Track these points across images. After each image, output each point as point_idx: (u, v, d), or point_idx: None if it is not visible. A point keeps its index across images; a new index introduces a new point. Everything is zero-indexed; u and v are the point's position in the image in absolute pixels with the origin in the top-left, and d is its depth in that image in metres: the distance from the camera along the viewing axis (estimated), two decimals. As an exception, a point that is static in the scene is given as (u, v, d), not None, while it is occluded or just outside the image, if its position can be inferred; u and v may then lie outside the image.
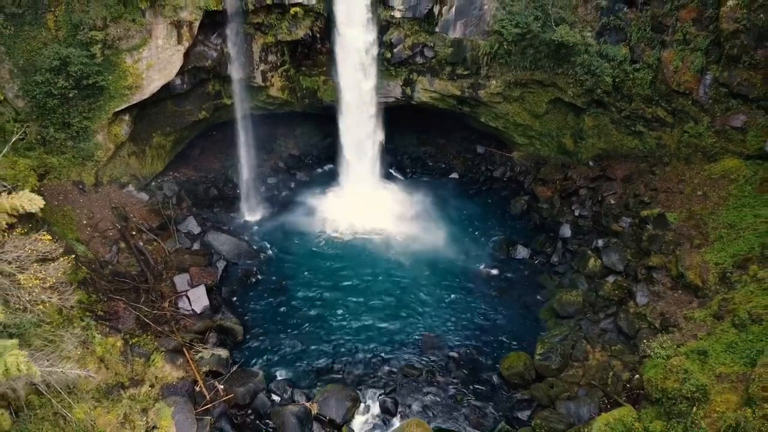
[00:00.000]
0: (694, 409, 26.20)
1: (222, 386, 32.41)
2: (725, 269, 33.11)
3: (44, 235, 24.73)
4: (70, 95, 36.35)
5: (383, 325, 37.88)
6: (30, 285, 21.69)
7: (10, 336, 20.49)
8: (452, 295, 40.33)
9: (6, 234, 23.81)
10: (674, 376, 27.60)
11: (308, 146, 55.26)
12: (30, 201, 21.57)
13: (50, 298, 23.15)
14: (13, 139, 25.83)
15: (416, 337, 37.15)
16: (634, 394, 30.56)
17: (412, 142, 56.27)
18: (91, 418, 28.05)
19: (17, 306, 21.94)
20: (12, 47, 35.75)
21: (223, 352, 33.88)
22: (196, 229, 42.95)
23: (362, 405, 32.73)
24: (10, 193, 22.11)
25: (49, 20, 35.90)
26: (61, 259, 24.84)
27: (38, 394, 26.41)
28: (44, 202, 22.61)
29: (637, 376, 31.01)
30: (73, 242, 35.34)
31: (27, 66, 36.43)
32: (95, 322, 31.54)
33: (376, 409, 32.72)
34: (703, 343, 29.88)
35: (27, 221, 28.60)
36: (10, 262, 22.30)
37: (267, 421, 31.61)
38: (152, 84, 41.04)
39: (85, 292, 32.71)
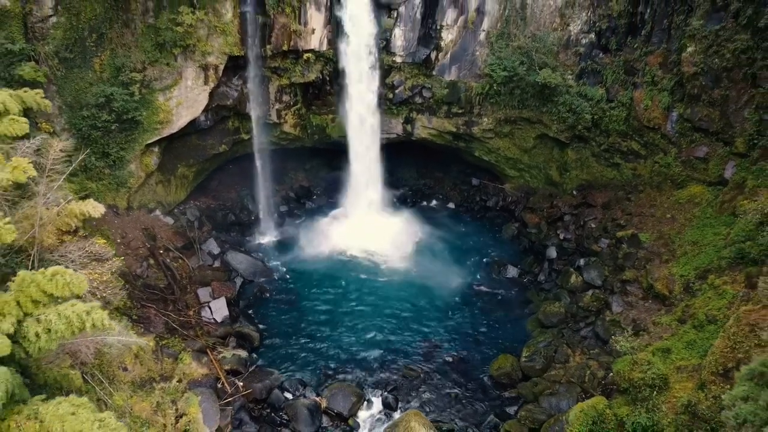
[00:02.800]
0: (654, 393, 30.10)
1: (241, 383, 36.31)
2: (689, 280, 37.36)
3: (99, 239, 29.19)
4: (112, 128, 41.42)
5: (385, 334, 41.92)
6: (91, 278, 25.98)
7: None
8: (448, 309, 44.45)
9: (71, 237, 28.27)
10: (639, 367, 31.53)
11: (317, 178, 60.19)
12: (94, 208, 25.99)
13: (104, 291, 27.45)
14: (71, 168, 30.37)
15: (415, 344, 41.17)
16: (607, 389, 34.37)
17: (413, 175, 61.21)
18: (129, 405, 31.98)
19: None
20: (62, 87, 40.93)
21: (243, 353, 37.90)
22: (216, 250, 47.42)
23: (366, 401, 36.54)
24: (79, 200, 26.62)
25: (95, 63, 41.21)
26: (114, 260, 29.29)
27: (84, 382, 30.51)
28: (104, 210, 27.10)
29: (611, 374, 34.88)
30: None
31: (74, 103, 41.51)
32: (131, 323, 35.68)
33: (378, 404, 36.51)
34: (667, 342, 33.96)
35: (74, 234, 33.16)
36: (73, 260, 26.72)
37: (281, 413, 35.43)
38: (180, 120, 46.15)
39: (122, 299, 36.95)
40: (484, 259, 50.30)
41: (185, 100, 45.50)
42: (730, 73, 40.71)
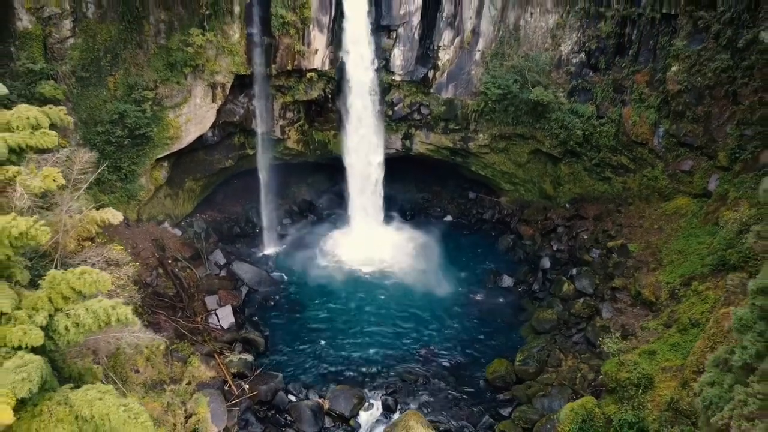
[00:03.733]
0: (640, 392, 31.80)
1: (247, 385, 37.98)
2: (674, 287, 39.16)
3: (116, 246, 31.04)
4: (125, 143, 43.51)
5: (385, 340, 43.62)
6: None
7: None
8: (446, 317, 46.17)
9: (90, 243, 30.14)
10: (626, 368, 33.27)
11: (319, 192, 62.21)
12: (113, 215, 27.83)
13: (121, 295, 29.25)
14: (93, 178, 32.25)
15: (413, 349, 42.86)
16: (597, 390, 36.04)
17: (411, 189, 63.21)
18: (142, 404, 33.63)
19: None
20: (78, 104, 43.04)
21: (249, 357, 39.59)
22: (222, 260, 49.26)
23: (367, 403, 38.16)
24: (97, 209, 28.53)
25: (109, 82, 43.36)
26: (130, 264, 31.14)
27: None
28: (122, 217, 28.99)
29: (601, 376, 36.54)
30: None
31: (88, 119, 43.59)
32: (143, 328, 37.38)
33: (378, 406, 38.13)
34: (653, 345, 35.68)
35: (92, 241, 35.06)
36: (93, 265, 28.54)
37: (285, 415, 37.05)
38: (189, 135, 48.28)
39: (133, 305, 38.70)
40: (481, 270, 52.08)
41: (194, 116, 47.64)
42: (712, 91, 42.86)
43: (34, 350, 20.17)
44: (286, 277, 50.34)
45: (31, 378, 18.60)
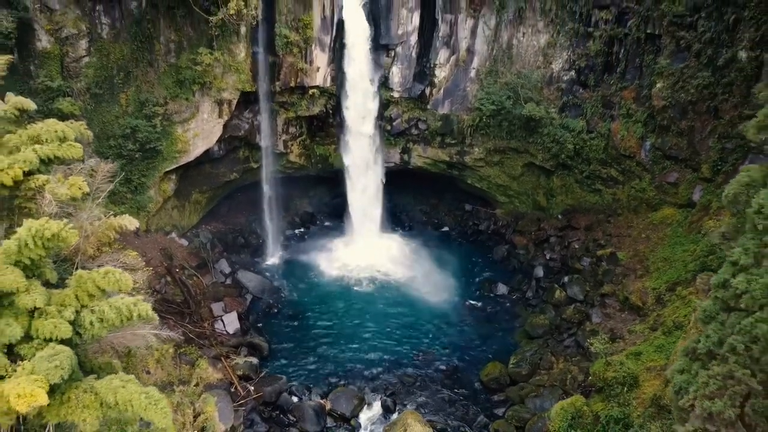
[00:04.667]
0: (626, 390, 33.60)
1: (252, 387, 39.72)
2: (660, 292, 41.10)
3: (131, 252, 33.00)
4: (136, 156, 45.62)
5: (384, 345, 45.41)
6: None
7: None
8: (442, 323, 48.00)
9: (107, 248, 32.08)
10: (613, 368, 35.11)
11: (320, 204, 64.24)
12: (130, 222, 29.80)
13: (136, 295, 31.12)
14: (108, 190, 34.21)
15: (412, 353, 44.65)
16: (586, 390, 37.83)
17: (410, 201, 65.29)
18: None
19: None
20: (91, 119, 45.11)
21: (254, 360, 41.35)
22: (228, 269, 51.16)
23: (367, 404, 39.88)
24: (115, 216, 30.52)
25: (121, 98, 45.58)
26: (144, 269, 33.05)
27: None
28: (138, 224, 30.95)
29: (591, 377, 38.32)
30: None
31: (101, 133, 45.68)
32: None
33: (378, 407, 39.85)
34: (639, 347, 37.54)
35: (110, 246, 37.00)
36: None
37: (289, 415, 38.74)
38: (196, 149, 50.41)
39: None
40: (476, 278, 54.00)
41: (201, 131, 49.80)
42: (694, 106, 45.09)
43: (62, 342, 22.01)
44: (288, 286, 52.18)
45: (62, 366, 20.44)
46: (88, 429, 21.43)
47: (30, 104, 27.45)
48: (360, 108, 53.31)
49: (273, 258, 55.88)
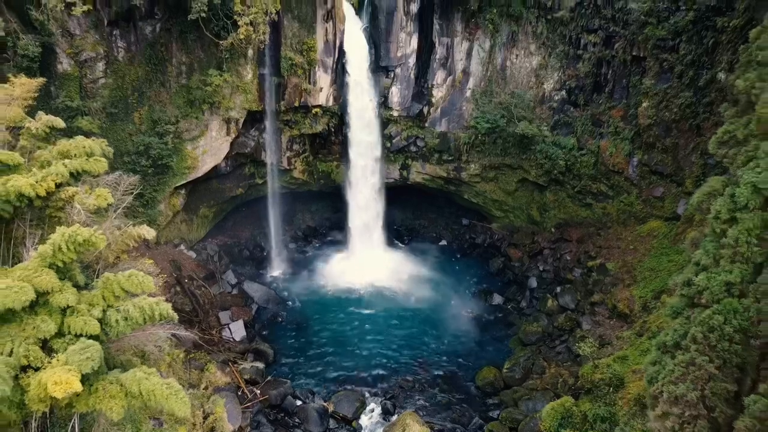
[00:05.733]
0: (612, 390, 35.64)
1: (259, 390, 41.73)
2: (646, 300, 43.26)
3: (148, 260, 35.23)
4: (149, 172, 48.00)
5: (384, 351, 47.48)
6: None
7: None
8: (440, 331, 50.12)
9: (125, 256, 34.31)
10: (600, 370, 37.20)
11: (322, 219, 66.59)
12: (148, 231, 32.07)
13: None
14: (128, 200, 36.47)
15: (411, 360, 46.69)
16: (576, 392, 39.79)
17: (409, 216, 67.64)
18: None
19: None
20: (107, 137, 46.68)
21: (260, 365, 43.39)
22: (234, 280, 53.37)
23: (368, 407, 41.86)
24: (133, 226, 32.78)
25: (135, 117, 48.07)
26: (159, 275, 35.20)
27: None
28: (155, 234, 33.21)
29: (580, 379, 40.35)
30: (144, 282, 45.69)
31: (115, 150, 47.53)
32: (165, 338, 41.25)
33: (378, 409, 41.83)
34: (626, 351, 39.61)
35: (128, 254, 39.25)
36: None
37: (294, 417, 40.71)
38: (205, 166, 52.80)
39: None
40: (473, 289, 56.16)
41: (210, 148, 52.25)
42: (678, 124, 47.60)
43: (90, 338, 24.17)
44: (292, 296, 54.33)
45: (92, 358, 22.58)
46: (114, 417, 23.51)
47: (59, 122, 29.94)
48: (361, 126, 55.86)
49: (277, 270, 58.06)
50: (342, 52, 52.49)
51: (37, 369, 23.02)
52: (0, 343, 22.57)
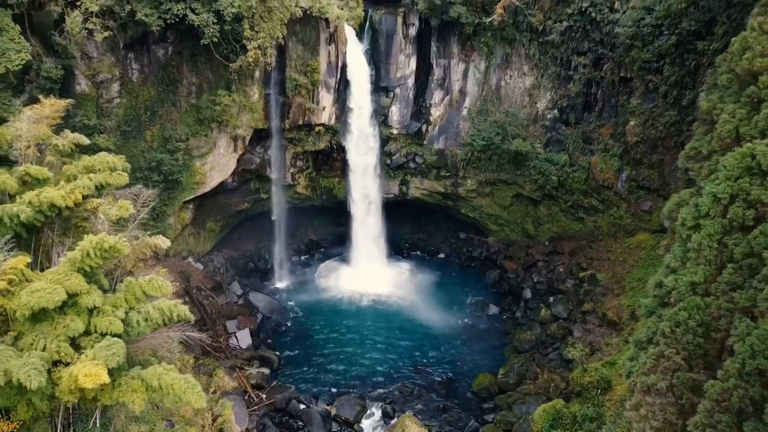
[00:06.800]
0: (599, 392, 37.68)
1: (264, 395, 43.74)
2: (634, 309, 45.30)
3: (161, 269, 37.43)
4: (160, 186, 50.33)
5: (384, 358, 49.54)
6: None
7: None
8: (438, 340, 52.19)
9: (142, 265, 36.53)
10: (589, 374, 39.24)
11: (324, 233, 68.85)
12: (163, 241, 34.30)
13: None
14: (137, 220, 38.76)
15: (409, 367, 48.74)
16: (567, 396, 41.75)
17: (408, 230, 69.92)
18: (176, 407, 39.26)
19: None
20: (120, 153, 49.77)
21: (265, 371, 45.42)
22: (240, 291, 55.54)
23: (369, 410, 43.82)
24: (150, 236, 35.02)
25: (147, 135, 50.54)
26: (173, 283, 37.36)
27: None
28: (170, 244, 35.43)
29: (570, 383, 42.34)
30: (155, 292, 47.86)
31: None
32: (176, 344, 43.32)
33: (379, 413, 43.82)
34: (614, 357, 41.67)
35: (144, 263, 41.48)
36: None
37: (298, 420, 42.66)
38: (213, 181, 55.22)
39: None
40: (470, 300, 58.32)
41: (217, 164, 54.71)
42: (663, 141, 50.08)
43: (114, 337, 26.32)
44: (295, 307, 56.46)
45: (118, 353, 24.73)
46: (136, 408, 25.63)
47: (84, 139, 32.48)
48: (362, 143, 58.38)
49: (281, 282, 60.24)
50: (344, 73, 55.15)
51: (66, 364, 25.14)
52: (35, 340, 24.72)
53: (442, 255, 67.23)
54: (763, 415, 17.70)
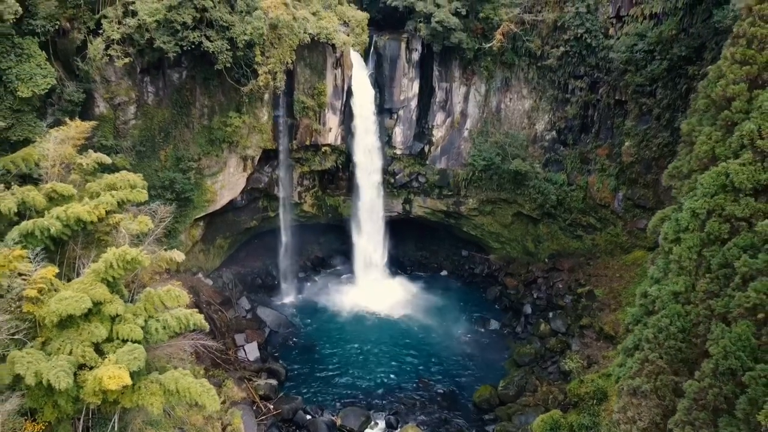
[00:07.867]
0: (595, 403, 39.10)
1: (272, 405, 45.22)
2: (629, 323, 46.80)
3: (176, 282, 39.25)
4: (173, 204, 52.34)
5: (388, 372, 51.01)
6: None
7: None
8: (440, 354, 53.63)
9: (157, 278, 38.34)
10: (585, 385, 40.71)
11: (330, 250, 70.65)
12: (178, 255, 36.16)
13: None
14: (153, 236, 40.72)
15: (412, 380, 50.18)
16: (565, 407, 43.15)
17: (411, 248, 71.70)
18: (187, 416, 40.84)
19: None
20: (135, 172, 52.05)
21: (273, 382, 46.95)
22: (248, 306, 57.27)
23: (373, 422, 45.20)
24: (165, 250, 36.88)
25: (161, 155, 52.73)
26: (189, 296, 39.17)
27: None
28: (184, 257, 37.26)
29: (567, 394, 43.75)
30: (167, 306, 49.64)
31: (142, 185, 52.62)
32: (187, 356, 44.96)
33: (382, 424, 45.18)
34: (610, 369, 43.03)
35: (160, 276, 43.34)
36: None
37: (304, 430, 44.09)
38: (222, 199, 57.23)
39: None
40: (472, 316, 59.83)
41: (227, 183, 56.76)
42: (657, 162, 51.87)
43: (134, 343, 28.08)
44: (302, 322, 58.09)
45: (139, 358, 26.48)
46: (155, 411, 27.30)
47: (106, 159, 34.57)
48: (366, 163, 60.43)
49: (288, 297, 61.95)
50: (350, 96, 57.41)
51: (90, 368, 26.89)
52: (61, 345, 26.51)
53: (444, 272, 68.87)
54: (735, 411, 19.28)
